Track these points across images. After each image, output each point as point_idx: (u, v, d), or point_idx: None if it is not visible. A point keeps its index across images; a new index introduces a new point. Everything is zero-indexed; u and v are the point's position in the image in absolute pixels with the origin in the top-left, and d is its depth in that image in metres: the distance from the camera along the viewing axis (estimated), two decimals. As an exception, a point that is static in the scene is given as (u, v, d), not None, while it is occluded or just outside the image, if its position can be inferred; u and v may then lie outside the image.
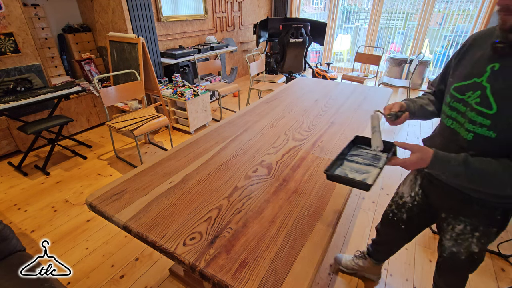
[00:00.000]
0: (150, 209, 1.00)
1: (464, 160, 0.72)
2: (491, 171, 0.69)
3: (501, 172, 0.67)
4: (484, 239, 0.91)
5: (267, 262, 0.80)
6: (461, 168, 0.72)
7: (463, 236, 0.94)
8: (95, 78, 2.44)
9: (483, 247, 0.93)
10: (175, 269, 1.53)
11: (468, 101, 0.78)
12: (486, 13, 4.20)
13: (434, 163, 0.76)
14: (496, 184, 0.69)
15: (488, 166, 0.69)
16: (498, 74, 0.71)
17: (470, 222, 0.91)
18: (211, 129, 1.61)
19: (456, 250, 0.97)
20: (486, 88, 0.73)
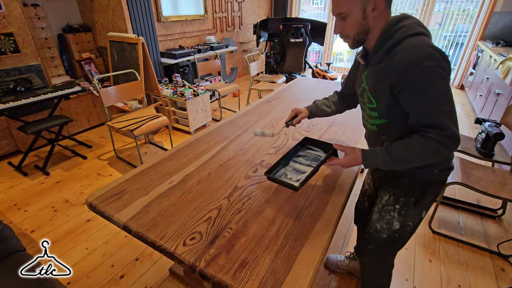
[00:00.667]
0: (150, 209, 0.99)
1: (386, 149, 0.84)
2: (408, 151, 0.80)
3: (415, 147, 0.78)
4: (404, 210, 0.99)
5: (267, 262, 0.80)
6: (385, 156, 0.84)
7: (386, 208, 1.02)
8: (95, 78, 2.44)
9: (404, 222, 0.99)
10: (175, 269, 1.53)
11: (363, 102, 0.98)
12: (486, 13, 4.20)
13: (365, 160, 0.89)
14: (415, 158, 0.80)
15: (405, 147, 0.81)
16: (368, 79, 0.91)
17: (393, 192, 1.01)
18: (211, 129, 1.61)
19: (379, 227, 1.04)
20: (367, 90, 0.92)
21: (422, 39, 0.76)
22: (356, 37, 0.84)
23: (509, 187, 1.63)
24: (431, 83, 0.73)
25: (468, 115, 3.72)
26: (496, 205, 2.07)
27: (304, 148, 1.19)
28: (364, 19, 0.80)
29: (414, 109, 0.78)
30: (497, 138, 1.82)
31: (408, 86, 0.76)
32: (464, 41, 4.74)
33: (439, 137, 0.74)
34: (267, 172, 1.02)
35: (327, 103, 1.25)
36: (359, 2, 0.78)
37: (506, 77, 2.69)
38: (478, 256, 1.68)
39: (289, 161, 1.12)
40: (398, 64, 0.77)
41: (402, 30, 0.79)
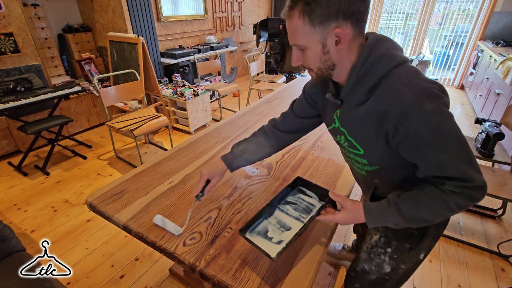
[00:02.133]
0: (150, 209, 0.99)
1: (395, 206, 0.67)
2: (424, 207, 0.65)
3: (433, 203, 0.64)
4: (397, 255, 0.85)
5: (267, 262, 0.80)
6: (395, 217, 0.68)
7: (376, 250, 0.89)
8: (95, 78, 2.44)
9: (396, 266, 0.87)
10: (175, 269, 1.53)
11: (342, 144, 0.80)
12: (486, 13, 4.20)
13: (370, 220, 0.72)
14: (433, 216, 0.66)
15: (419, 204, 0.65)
16: (343, 120, 0.75)
17: (385, 234, 0.87)
18: (211, 129, 1.61)
19: (367, 268, 0.92)
20: (344, 133, 0.76)
21: (409, 70, 0.62)
22: (319, 72, 0.68)
23: (509, 187, 1.63)
24: (440, 129, 0.58)
25: (468, 115, 3.72)
26: (496, 205, 2.07)
27: (295, 191, 0.97)
28: (325, 54, 0.64)
29: (424, 163, 0.63)
30: (497, 138, 1.82)
31: (412, 137, 0.60)
32: (464, 41, 4.74)
33: (463, 190, 0.60)
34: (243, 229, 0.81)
35: (251, 148, 0.94)
36: (316, 35, 0.61)
37: (506, 77, 2.69)
38: (478, 256, 1.68)
39: (275, 209, 0.90)
40: (389, 110, 0.61)
41: (382, 62, 0.62)
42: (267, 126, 0.98)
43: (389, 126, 0.62)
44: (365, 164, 0.76)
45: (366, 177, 0.82)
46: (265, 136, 0.96)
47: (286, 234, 0.82)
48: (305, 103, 0.90)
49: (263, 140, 0.95)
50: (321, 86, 0.84)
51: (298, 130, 0.95)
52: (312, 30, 0.61)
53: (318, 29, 0.61)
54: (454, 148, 0.59)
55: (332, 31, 0.60)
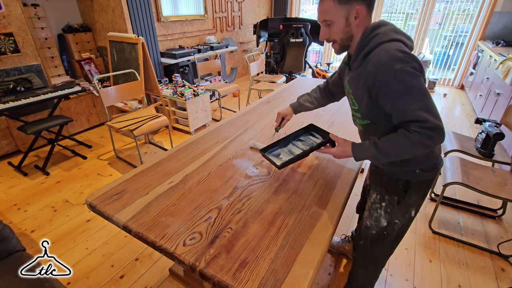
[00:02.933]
0: (150, 209, 0.99)
1: (373, 143, 0.87)
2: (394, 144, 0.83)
3: (401, 140, 0.81)
4: (389, 208, 1.02)
5: (267, 262, 0.80)
6: (373, 150, 0.87)
7: (374, 205, 1.07)
8: (95, 78, 2.44)
9: (391, 220, 1.03)
10: (175, 269, 1.53)
11: (350, 103, 1.03)
12: (486, 13, 4.20)
13: (355, 152, 0.93)
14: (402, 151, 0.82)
15: (391, 141, 0.84)
16: (350, 83, 0.97)
17: (379, 191, 1.05)
18: (211, 129, 1.61)
19: (369, 224, 1.09)
20: (351, 93, 0.98)
21: (394, 44, 0.80)
22: (341, 42, 0.89)
23: (509, 187, 1.63)
24: (404, 83, 0.76)
25: (468, 115, 3.72)
26: (496, 205, 2.07)
27: (307, 134, 1.25)
28: (347, 26, 0.85)
29: (394, 110, 0.81)
30: (497, 138, 1.82)
31: (383, 89, 0.80)
32: (464, 41, 4.74)
33: (422, 129, 0.76)
34: (264, 149, 1.13)
35: (310, 99, 1.31)
36: (343, 10, 0.83)
37: (506, 77, 2.69)
38: (478, 256, 1.68)
39: (289, 143, 1.20)
40: (371, 69, 0.81)
41: (377, 37, 0.83)
42: (322, 85, 1.31)
43: (369, 82, 0.83)
44: (360, 118, 0.97)
45: (363, 133, 1.02)
46: (320, 91, 1.30)
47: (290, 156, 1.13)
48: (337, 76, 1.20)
49: (317, 95, 1.30)
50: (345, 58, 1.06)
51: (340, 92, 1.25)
52: (340, 8, 0.83)
53: (344, 7, 0.83)
54: (414, 98, 0.77)
55: (354, 8, 0.83)
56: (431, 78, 4.81)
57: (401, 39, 0.83)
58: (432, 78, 4.81)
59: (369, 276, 1.25)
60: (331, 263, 1.63)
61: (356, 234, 1.21)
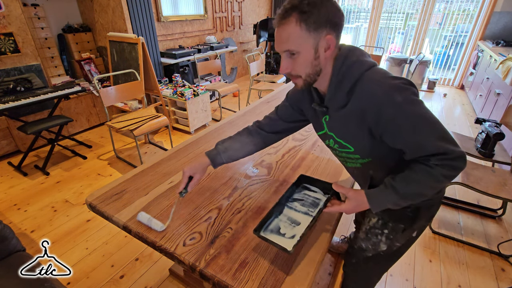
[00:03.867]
0: (150, 209, 0.99)
1: (392, 188, 0.74)
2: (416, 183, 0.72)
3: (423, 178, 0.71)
4: (392, 235, 0.93)
5: (267, 262, 0.80)
6: (393, 196, 0.74)
7: (374, 231, 0.97)
8: (95, 78, 2.44)
9: (391, 244, 0.95)
10: (175, 269, 1.53)
11: (332, 147, 0.89)
12: (486, 13, 4.20)
13: (373, 204, 0.78)
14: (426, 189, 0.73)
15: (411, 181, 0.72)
16: (331, 125, 0.83)
17: (382, 217, 0.94)
18: (211, 129, 1.60)
19: (364, 246, 1.01)
20: (333, 136, 0.84)
21: (378, 72, 0.72)
22: (307, 78, 0.74)
23: (509, 187, 1.63)
24: (412, 116, 0.67)
25: (468, 115, 3.72)
26: (496, 205, 2.07)
27: (300, 189, 1.02)
28: (316, 59, 0.71)
29: (407, 146, 0.71)
30: (497, 138, 1.82)
31: (391, 127, 0.69)
32: (464, 41, 4.74)
33: (444, 161, 0.67)
34: (257, 228, 0.84)
35: (235, 145, 1.00)
36: (311, 39, 0.68)
37: (506, 77, 2.69)
38: (478, 256, 1.68)
39: (284, 207, 0.95)
40: (367, 107, 0.70)
41: (355, 67, 0.72)
42: (251, 127, 1.04)
43: (370, 121, 0.72)
44: (358, 159, 0.84)
45: (361, 170, 0.90)
46: (250, 135, 1.02)
47: (298, 229, 0.87)
48: (290, 109, 0.97)
49: (247, 139, 1.01)
50: (304, 94, 0.91)
51: (283, 131, 1.02)
52: (308, 36, 0.68)
53: (312, 35, 0.68)
54: (427, 129, 0.67)
55: (324, 38, 0.69)
56: (431, 78, 4.81)
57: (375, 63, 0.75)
58: (432, 78, 4.81)
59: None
60: (331, 263, 1.63)
61: (348, 252, 1.11)
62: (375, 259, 1.01)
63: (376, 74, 0.71)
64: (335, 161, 1.30)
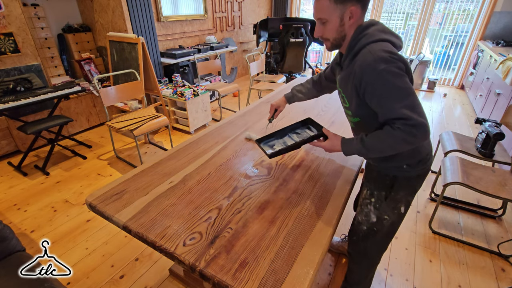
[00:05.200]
0: (150, 209, 0.99)
1: (360, 139, 0.90)
2: (379, 140, 0.85)
3: (385, 137, 0.83)
4: (378, 204, 1.05)
5: (267, 262, 0.80)
6: (359, 146, 0.90)
7: (365, 201, 1.09)
8: (95, 78, 2.44)
9: (380, 216, 1.05)
10: (175, 269, 1.52)
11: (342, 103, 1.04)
12: (486, 13, 4.19)
13: (343, 146, 0.95)
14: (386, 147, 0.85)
15: (376, 137, 0.86)
16: (340, 82, 0.98)
17: (369, 187, 1.07)
18: (211, 129, 1.60)
19: (360, 219, 1.12)
20: (341, 92, 1.00)
21: (380, 45, 0.82)
22: (334, 41, 0.91)
23: (509, 187, 1.63)
24: (388, 83, 0.78)
25: (468, 115, 3.72)
26: (496, 205, 2.07)
27: (304, 127, 1.26)
28: (341, 26, 0.86)
29: (379, 108, 0.83)
30: (497, 138, 1.82)
31: (369, 89, 0.82)
32: (464, 41, 4.74)
33: (405, 126, 0.78)
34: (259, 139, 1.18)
35: (303, 90, 1.34)
36: (338, 10, 0.84)
37: (506, 77, 2.68)
38: (478, 256, 1.68)
39: (285, 135, 1.23)
40: (357, 70, 0.83)
41: (365, 37, 0.85)
42: (315, 76, 1.32)
43: (357, 82, 0.85)
44: (350, 116, 1.00)
45: (355, 129, 1.06)
46: (314, 84, 1.32)
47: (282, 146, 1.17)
48: (329, 69, 1.22)
49: (311, 87, 1.32)
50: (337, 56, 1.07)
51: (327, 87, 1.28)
52: (335, 7, 0.84)
53: (338, 7, 0.83)
54: (397, 96, 0.79)
55: (348, 9, 0.83)
56: (431, 78, 4.81)
57: (388, 39, 0.84)
58: (432, 78, 4.81)
59: (364, 272, 1.27)
60: (331, 263, 1.63)
61: (350, 229, 1.24)
62: (371, 236, 1.11)
63: (377, 46, 0.81)
64: (335, 161, 1.30)
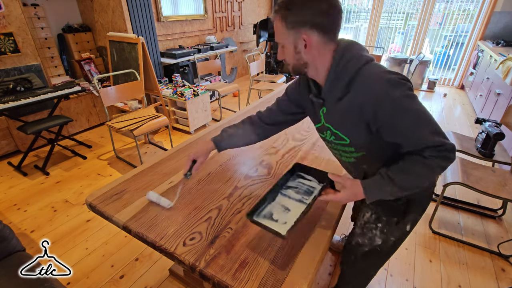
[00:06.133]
0: (150, 209, 0.99)
1: (389, 178, 0.77)
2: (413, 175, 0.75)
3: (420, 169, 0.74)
4: (386, 229, 0.95)
5: (267, 262, 0.80)
6: (390, 187, 0.77)
7: (368, 225, 0.98)
8: (95, 78, 2.44)
9: (386, 238, 0.96)
10: (175, 269, 1.52)
11: (328, 140, 0.91)
12: (486, 13, 4.19)
13: (369, 194, 0.80)
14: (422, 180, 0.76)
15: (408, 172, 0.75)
16: (328, 116, 0.85)
17: (375, 211, 0.96)
18: (211, 129, 1.60)
19: (361, 242, 1.02)
20: (330, 128, 0.86)
21: (375, 67, 0.74)
22: (294, 67, 0.81)
23: (510, 187, 1.62)
24: (409, 110, 0.70)
25: (468, 115, 3.72)
26: (496, 205, 2.07)
27: (295, 177, 1.01)
28: (297, 53, 0.77)
29: (405, 140, 0.74)
30: (498, 138, 1.82)
31: (389, 121, 0.72)
32: (464, 41, 4.74)
33: (439, 153, 0.71)
34: (250, 212, 0.84)
35: (239, 133, 1.06)
36: (290, 36, 0.74)
37: (506, 77, 2.68)
38: (478, 256, 1.68)
39: (277, 194, 0.95)
40: (367, 101, 0.72)
41: (352, 62, 0.74)
42: (254, 117, 1.08)
43: (368, 115, 0.74)
44: (352, 152, 0.86)
45: (355, 164, 0.92)
46: (252, 125, 1.06)
47: (291, 214, 0.87)
48: (288, 102, 1.01)
49: (250, 129, 1.06)
50: (302, 86, 0.94)
51: (281, 123, 1.06)
52: (287, 32, 0.74)
53: (291, 32, 0.74)
54: (423, 123, 0.71)
55: (301, 36, 0.73)
56: (431, 78, 4.81)
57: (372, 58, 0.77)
58: (432, 78, 4.81)
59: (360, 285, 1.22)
60: (331, 263, 1.63)
61: (345, 248, 1.13)
62: (372, 255, 1.02)
63: (373, 68, 0.74)
64: (335, 161, 1.30)
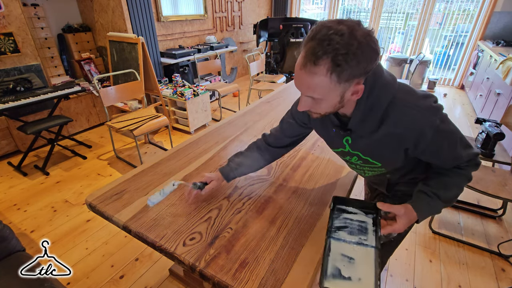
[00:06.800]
0: (150, 209, 0.99)
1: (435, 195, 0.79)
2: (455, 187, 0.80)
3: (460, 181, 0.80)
4: None
5: (267, 262, 0.79)
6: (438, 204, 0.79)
7: None
8: (95, 78, 2.44)
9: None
10: (175, 269, 1.52)
11: (352, 162, 0.91)
12: (486, 13, 4.19)
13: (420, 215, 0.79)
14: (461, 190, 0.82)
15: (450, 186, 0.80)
16: (355, 145, 0.83)
17: None
18: (211, 129, 1.60)
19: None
20: (358, 154, 0.85)
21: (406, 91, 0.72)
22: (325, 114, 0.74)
23: (510, 187, 1.62)
24: (449, 134, 0.74)
25: (468, 115, 3.72)
26: (496, 205, 2.07)
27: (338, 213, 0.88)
28: (340, 102, 0.68)
29: (446, 161, 0.79)
30: (498, 138, 1.82)
31: (432, 148, 0.74)
32: (464, 41, 4.74)
33: (472, 162, 0.79)
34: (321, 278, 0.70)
35: (248, 162, 1.03)
36: (339, 89, 0.64)
37: (506, 77, 2.68)
38: (478, 256, 1.68)
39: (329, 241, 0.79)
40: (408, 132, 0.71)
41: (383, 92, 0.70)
42: (260, 141, 1.06)
43: (409, 144, 0.74)
44: (382, 170, 0.89)
45: (379, 176, 0.95)
46: (259, 150, 1.04)
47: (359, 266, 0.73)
48: (296, 125, 0.98)
49: (257, 155, 1.04)
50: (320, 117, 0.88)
51: (288, 145, 1.05)
52: (337, 87, 0.63)
53: (342, 85, 0.63)
54: (458, 143, 0.76)
55: (353, 86, 0.65)
56: (431, 78, 4.81)
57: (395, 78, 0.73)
58: (432, 78, 4.81)
59: None
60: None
61: None
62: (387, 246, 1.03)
63: (406, 95, 0.71)
64: (335, 161, 1.30)
